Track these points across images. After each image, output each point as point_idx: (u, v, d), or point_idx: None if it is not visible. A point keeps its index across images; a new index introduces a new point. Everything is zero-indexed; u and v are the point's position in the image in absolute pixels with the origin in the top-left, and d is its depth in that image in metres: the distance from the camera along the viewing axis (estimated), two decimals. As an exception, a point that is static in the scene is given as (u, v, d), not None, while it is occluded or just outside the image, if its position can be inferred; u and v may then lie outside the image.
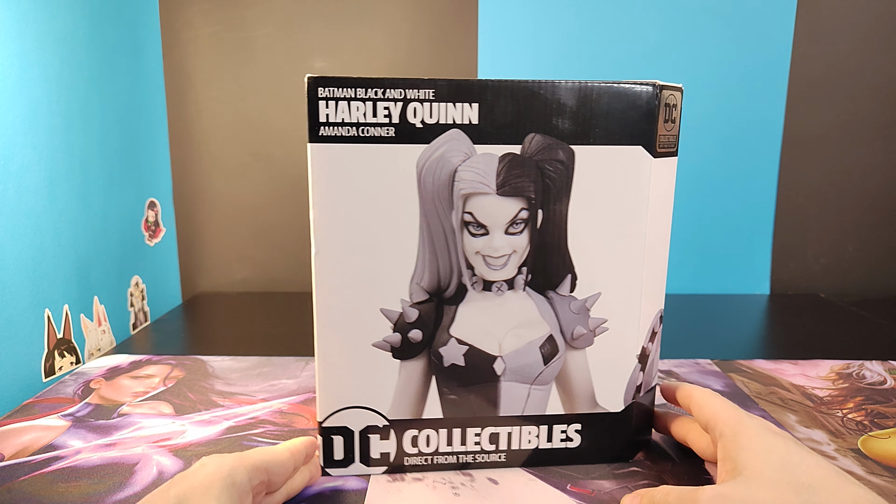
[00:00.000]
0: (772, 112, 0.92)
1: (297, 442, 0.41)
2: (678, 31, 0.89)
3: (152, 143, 0.88)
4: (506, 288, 0.42)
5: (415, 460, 0.45)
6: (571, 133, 0.40)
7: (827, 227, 0.95)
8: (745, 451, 0.36)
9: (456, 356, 0.43)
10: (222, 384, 0.60)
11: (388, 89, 0.39)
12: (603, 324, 0.43)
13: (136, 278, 0.83)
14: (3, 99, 0.57)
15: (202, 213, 0.95)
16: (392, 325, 0.42)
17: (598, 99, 0.40)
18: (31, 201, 0.60)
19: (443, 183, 0.40)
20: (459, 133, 0.40)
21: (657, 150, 0.41)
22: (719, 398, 0.42)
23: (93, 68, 0.71)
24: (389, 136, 0.39)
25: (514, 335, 0.43)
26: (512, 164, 0.40)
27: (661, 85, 0.40)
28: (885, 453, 0.48)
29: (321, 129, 0.39)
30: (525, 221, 0.41)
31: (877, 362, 0.66)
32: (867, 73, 0.91)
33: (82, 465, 0.46)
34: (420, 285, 0.42)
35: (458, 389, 0.44)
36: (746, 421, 0.38)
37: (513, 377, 0.44)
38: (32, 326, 0.61)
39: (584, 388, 0.44)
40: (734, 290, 0.96)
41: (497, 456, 0.45)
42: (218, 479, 0.33)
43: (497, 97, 0.39)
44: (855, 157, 0.93)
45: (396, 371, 0.43)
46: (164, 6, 0.89)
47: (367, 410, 0.44)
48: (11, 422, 0.52)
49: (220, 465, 0.35)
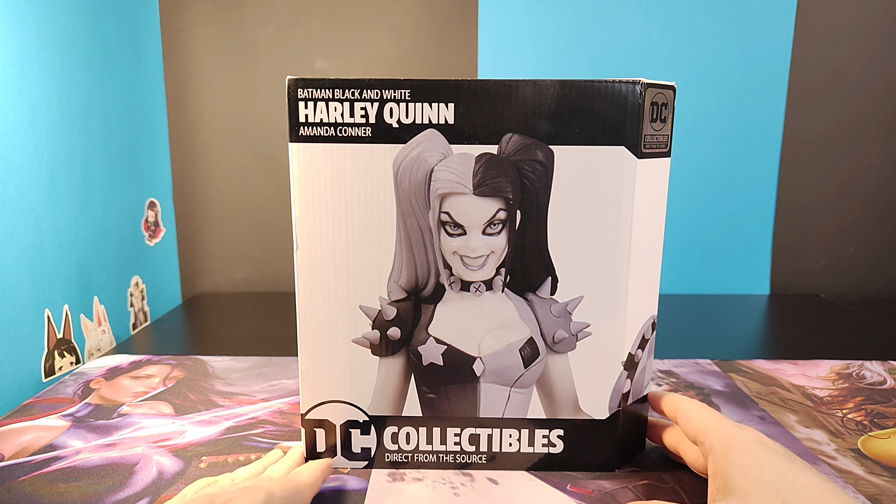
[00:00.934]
0: (772, 112, 0.92)
1: (316, 471, 0.41)
2: (678, 30, 0.89)
3: (152, 143, 0.88)
4: (484, 289, 0.42)
5: (395, 457, 0.45)
6: (550, 133, 0.40)
7: (827, 228, 0.95)
8: (735, 467, 0.35)
9: (434, 355, 0.43)
10: (222, 384, 0.60)
11: (365, 90, 0.39)
12: (585, 328, 0.43)
13: (136, 278, 0.83)
14: (3, 99, 0.57)
15: (202, 213, 0.95)
16: (371, 322, 0.43)
17: (577, 98, 0.39)
18: (31, 201, 0.60)
19: (419, 182, 0.40)
20: (435, 133, 0.40)
21: (642, 151, 0.41)
22: (707, 410, 0.40)
23: (93, 68, 0.71)
24: (366, 136, 0.40)
25: (494, 336, 0.43)
26: (489, 165, 0.40)
27: (646, 83, 0.39)
28: (885, 453, 0.48)
29: (301, 129, 0.40)
30: (503, 222, 0.41)
31: (877, 362, 0.66)
32: (867, 74, 0.91)
33: (82, 465, 0.46)
34: (398, 283, 0.42)
35: (437, 388, 0.44)
36: (737, 434, 0.37)
37: (492, 379, 0.44)
38: (32, 326, 0.61)
39: (566, 394, 0.44)
40: (734, 290, 0.96)
41: (478, 457, 0.45)
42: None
43: (473, 97, 0.39)
44: (855, 157, 0.93)
45: (376, 368, 0.43)
46: (165, 6, 0.89)
47: (348, 405, 0.44)
48: (11, 422, 0.52)
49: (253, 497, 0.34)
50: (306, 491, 0.39)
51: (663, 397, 0.45)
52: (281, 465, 0.43)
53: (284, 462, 0.43)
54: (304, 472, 0.40)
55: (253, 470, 0.42)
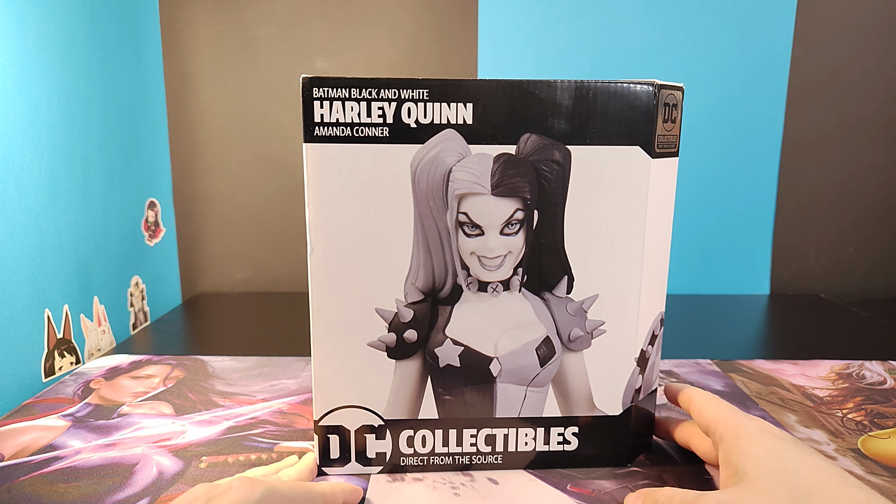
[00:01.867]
0: (772, 112, 0.92)
1: (335, 487, 0.40)
2: (678, 31, 0.89)
3: (152, 143, 0.88)
4: (501, 289, 0.42)
5: (411, 461, 0.45)
6: (568, 133, 0.40)
7: (827, 228, 0.95)
8: (743, 455, 0.36)
9: (451, 357, 0.43)
10: (222, 384, 0.60)
11: (383, 89, 0.39)
12: (600, 326, 0.43)
13: (136, 278, 0.83)
14: (3, 99, 0.57)
15: (202, 213, 0.95)
16: (387, 325, 0.42)
17: (594, 98, 0.40)
18: (31, 201, 0.60)
19: (437, 183, 0.40)
20: (454, 133, 0.40)
21: (656, 151, 0.41)
22: (719, 401, 0.42)
23: (93, 68, 0.71)
24: (384, 136, 0.40)
25: (510, 336, 0.43)
26: (507, 165, 0.40)
27: (659, 84, 0.40)
28: (885, 453, 0.48)
29: (316, 129, 0.39)
30: (520, 222, 0.41)
31: (877, 362, 0.66)
32: (867, 74, 0.91)
33: (82, 465, 0.46)
34: (415, 285, 0.42)
35: (453, 390, 0.44)
36: (745, 423, 0.38)
37: (509, 379, 0.44)
38: (32, 326, 0.60)
39: (581, 391, 0.44)
40: (734, 290, 0.96)
41: (494, 458, 0.45)
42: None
43: (491, 97, 0.39)
44: (855, 157, 0.93)
45: (392, 371, 0.43)
46: (165, 6, 0.89)
47: (362, 410, 0.44)
48: (11, 422, 0.52)
49: (251, 491, 0.33)
50: (317, 500, 0.37)
51: (681, 391, 0.45)
52: (294, 468, 0.43)
53: (298, 466, 0.43)
54: (323, 483, 0.40)
55: (266, 471, 0.42)
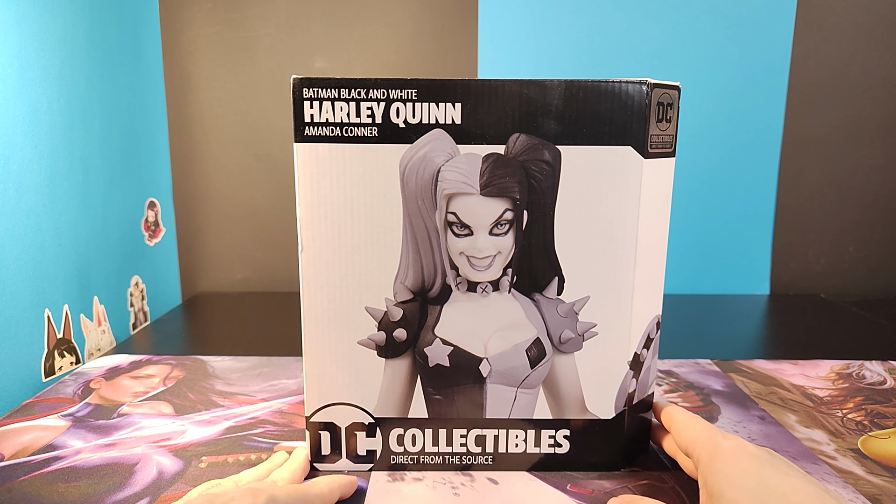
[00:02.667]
0: (772, 112, 0.92)
1: (331, 483, 0.40)
2: (679, 31, 0.89)
3: (152, 143, 0.88)
4: (491, 289, 0.42)
5: (401, 459, 0.45)
6: (558, 133, 0.40)
7: (827, 228, 0.95)
8: (719, 476, 0.35)
9: (441, 356, 0.43)
10: (222, 384, 0.60)
11: (371, 89, 0.39)
12: (592, 328, 0.43)
13: (136, 278, 0.83)
14: (3, 99, 0.57)
15: (202, 213, 0.95)
16: (377, 324, 0.42)
17: (584, 98, 0.39)
18: (31, 201, 0.60)
19: (426, 183, 0.40)
20: (442, 133, 0.40)
21: (649, 151, 0.41)
22: (698, 421, 0.41)
23: (93, 68, 0.71)
24: (373, 136, 0.40)
25: (500, 337, 0.43)
26: (496, 165, 0.40)
27: (652, 83, 0.40)
28: (885, 453, 0.48)
29: (306, 129, 0.40)
30: (510, 222, 0.41)
31: (877, 362, 0.66)
32: (867, 74, 0.91)
33: (82, 465, 0.46)
34: (404, 284, 0.42)
35: (443, 390, 0.44)
36: (722, 444, 0.37)
37: (499, 380, 0.43)
38: (32, 326, 0.60)
39: (572, 394, 0.44)
40: (734, 290, 0.96)
41: (484, 458, 0.45)
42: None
43: (480, 97, 0.39)
44: (855, 157, 0.93)
45: (382, 369, 0.43)
46: (165, 6, 0.89)
47: (353, 407, 0.44)
48: (11, 422, 0.52)
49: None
50: (314, 502, 0.38)
51: (663, 409, 0.45)
52: (285, 468, 0.43)
53: (289, 465, 0.43)
54: (318, 483, 0.40)
55: (257, 473, 0.42)
